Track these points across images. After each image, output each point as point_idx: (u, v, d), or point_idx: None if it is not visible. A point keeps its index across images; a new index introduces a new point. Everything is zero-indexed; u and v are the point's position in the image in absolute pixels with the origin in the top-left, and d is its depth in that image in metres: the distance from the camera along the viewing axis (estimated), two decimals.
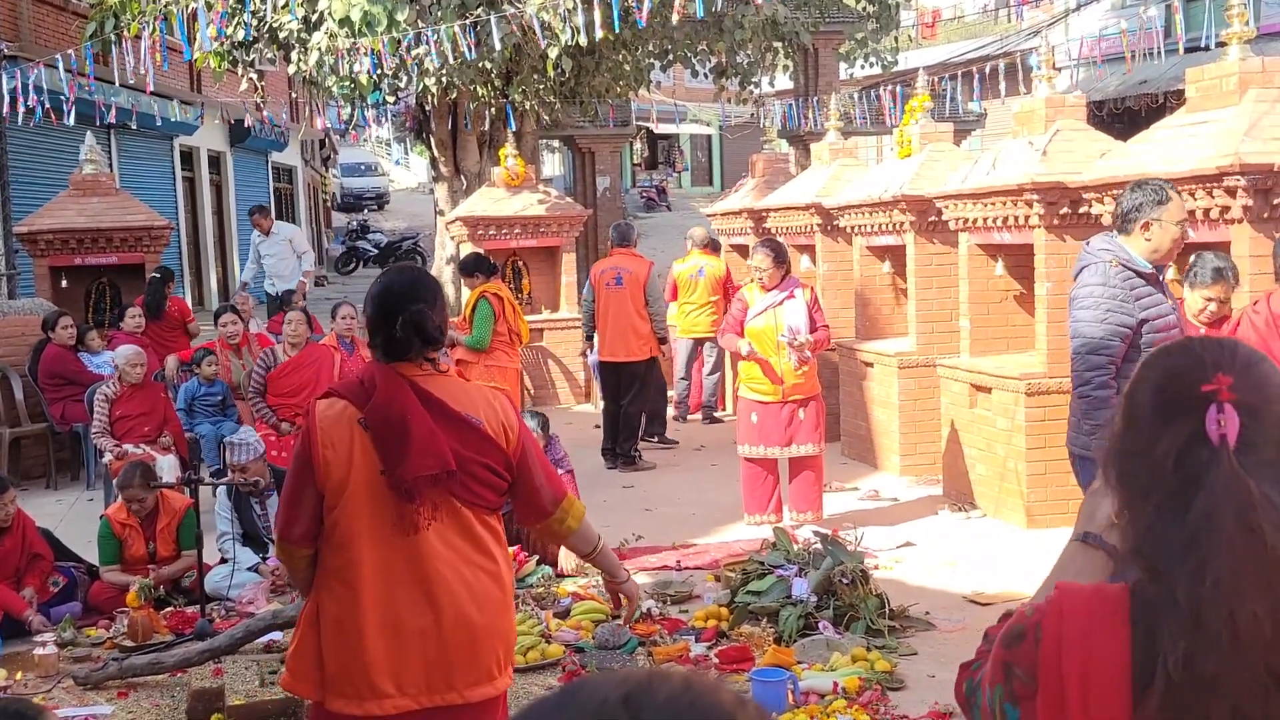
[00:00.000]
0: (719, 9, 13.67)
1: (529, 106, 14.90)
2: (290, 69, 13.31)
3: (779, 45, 16.03)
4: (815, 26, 16.63)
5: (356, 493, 3.10)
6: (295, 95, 18.71)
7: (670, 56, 15.58)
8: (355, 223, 30.29)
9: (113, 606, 6.27)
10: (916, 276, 9.17)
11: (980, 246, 8.23)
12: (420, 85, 12.72)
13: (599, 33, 10.45)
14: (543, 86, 14.52)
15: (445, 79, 12.35)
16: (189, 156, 21.77)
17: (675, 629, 5.81)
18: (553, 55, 11.59)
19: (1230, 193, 6.11)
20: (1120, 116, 19.29)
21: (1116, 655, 1.49)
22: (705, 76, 16.94)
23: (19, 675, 5.52)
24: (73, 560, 6.80)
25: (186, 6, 11.61)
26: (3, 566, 6.30)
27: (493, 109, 15.47)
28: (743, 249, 11.97)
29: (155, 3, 11.84)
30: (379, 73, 12.08)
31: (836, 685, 4.96)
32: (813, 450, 7.55)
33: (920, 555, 7.12)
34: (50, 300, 11.19)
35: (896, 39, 21.77)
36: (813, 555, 6.06)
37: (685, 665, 5.28)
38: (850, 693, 4.92)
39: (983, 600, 6.18)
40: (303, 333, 8.95)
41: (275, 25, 12.13)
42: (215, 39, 11.95)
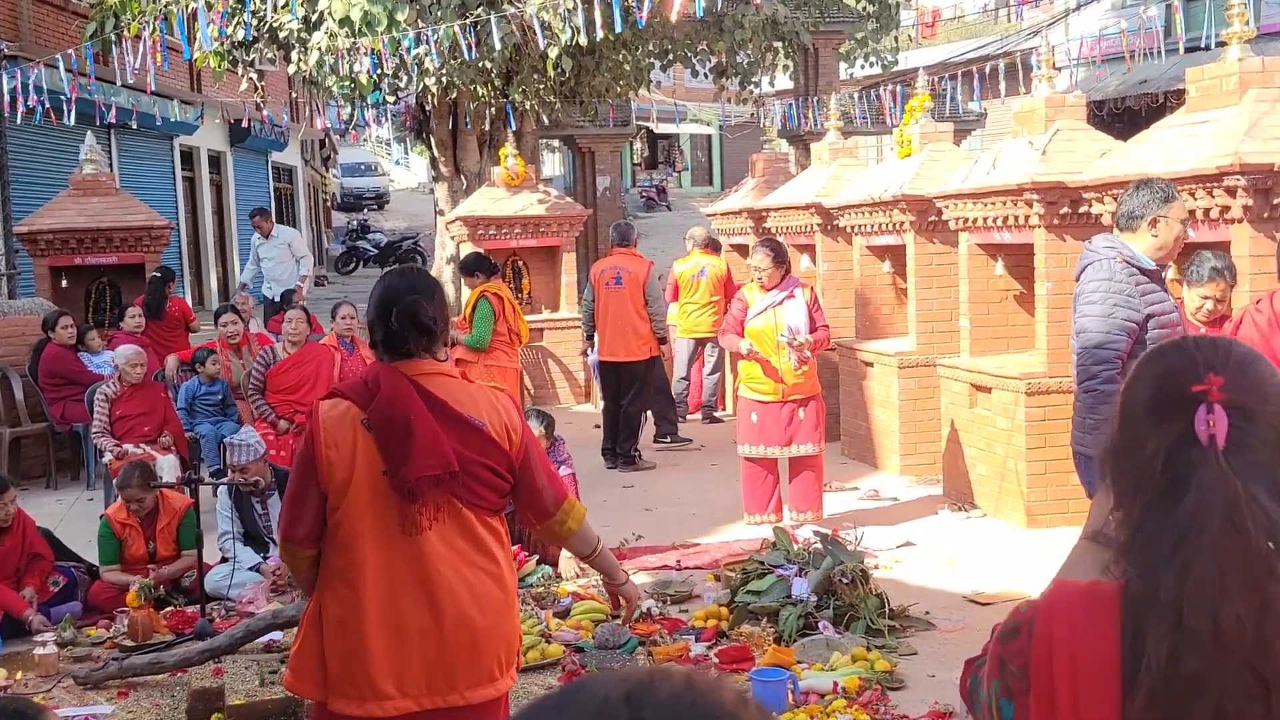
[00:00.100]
0: (719, 9, 13.68)
1: (529, 106, 14.90)
2: (290, 69, 13.31)
3: (779, 45, 16.03)
4: (815, 26, 16.63)
5: (359, 493, 3.10)
6: (295, 95, 18.70)
7: (670, 56, 15.59)
8: (355, 222, 30.27)
9: (113, 606, 6.27)
10: (916, 276, 9.17)
11: (980, 246, 8.23)
12: (420, 85, 12.72)
13: (599, 32, 10.45)
14: (543, 86, 14.52)
15: (445, 79, 12.35)
16: (189, 156, 21.77)
17: (675, 629, 5.81)
18: (553, 55, 11.58)
19: (1230, 192, 6.11)
20: (1120, 116, 19.29)
21: (1106, 653, 1.49)
22: (705, 76, 16.94)
23: (19, 675, 5.52)
24: (73, 560, 6.80)
25: (186, 6, 11.61)
26: (3, 566, 6.30)
27: (493, 109, 15.47)
28: (743, 249, 11.97)
29: (155, 3, 11.84)
30: (379, 73, 12.09)
31: (836, 685, 4.96)
32: (813, 450, 7.55)
33: (920, 555, 7.12)
34: (50, 300, 11.19)
35: (896, 39, 21.76)
36: (813, 555, 6.06)
37: (685, 665, 5.29)
38: (850, 692, 4.92)
39: (983, 600, 6.18)
40: (303, 331, 8.97)
41: (275, 25, 12.13)
42: (215, 39, 11.94)
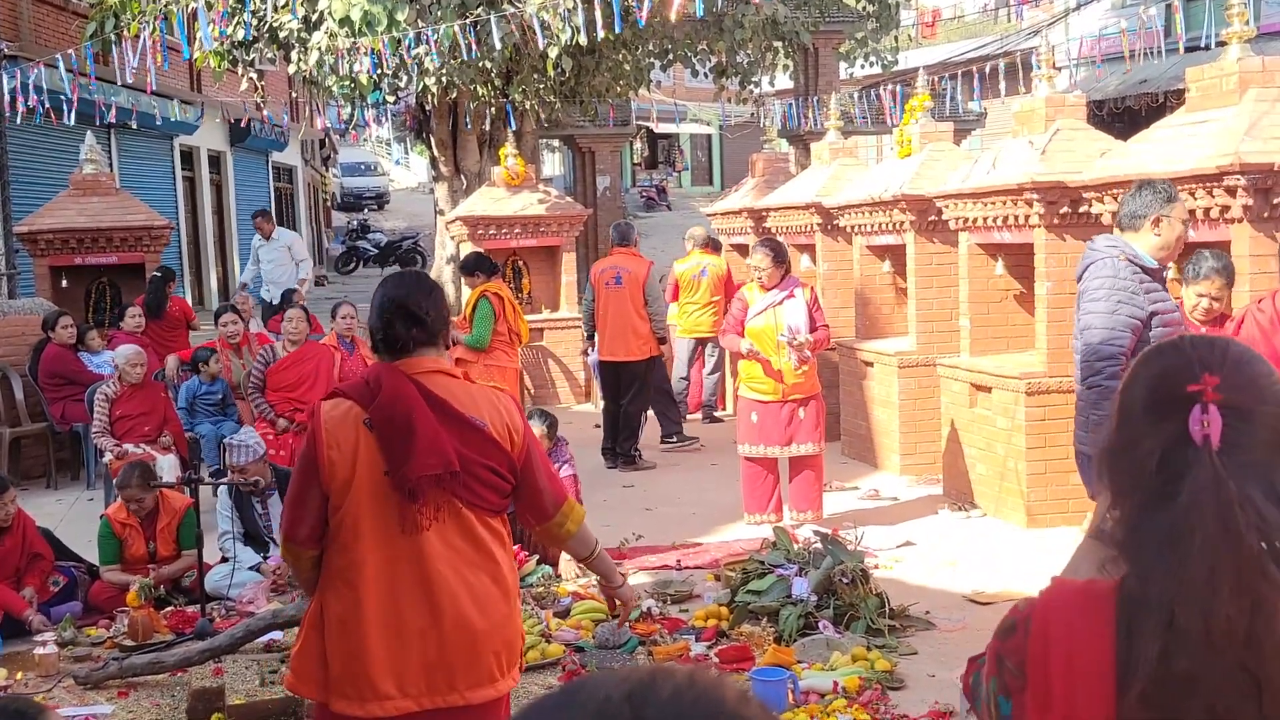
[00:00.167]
0: (719, 9, 13.68)
1: (529, 106, 14.90)
2: (290, 69, 13.31)
3: (779, 45, 16.02)
4: (815, 26, 16.63)
5: (361, 493, 3.10)
6: (295, 95, 18.68)
7: (670, 56, 15.58)
8: (355, 222, 30.27)
9: (113, 606, 6.27)
10: (916, 276, 9.16)
11: (980, 246, 8.23)
12: (420, 85, 12.72)
13: (599, 32, 10.45)
14: (543, 86, 14.52)
15: (445, 79, 12.35)
16: (189, 156, 21.76)
17: (675, 628, 5.81)
18: (553, 55, 11.57)
19: (1230, 192, 6.11)
20: (1120, 116, 19.28)
21: (1101, 651, 1.49)
22: (705, 76, 16.93)
23: (19, 675, 5.52)
24: (73, 560, 6.80)
25: (186, 6, 11.60)
26: (3, 566, 6.30)
27: (493, 109, 15.47)
28: (743, 248, 11.96)
29: (155, 3, 11.84)
30: (379, 72, 12.08)
31: (836, 685, 4.96)
32: (813, 450, 7.54)
33: (920, 555, 7.12)
34: (50, 300, 11.19)
35: (896, 38, 21.78)
36: (813, 555, 6.06)
37: (686, 664, 5.28)
38: (850, 692, 4.92)
39: (983, 600, 6.18)
40: (302, 330, 8.97)
41: (275, 25, 12.12)
42: (215, 39, 11.94)
